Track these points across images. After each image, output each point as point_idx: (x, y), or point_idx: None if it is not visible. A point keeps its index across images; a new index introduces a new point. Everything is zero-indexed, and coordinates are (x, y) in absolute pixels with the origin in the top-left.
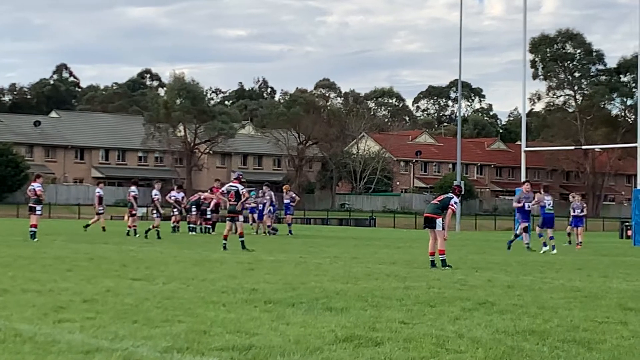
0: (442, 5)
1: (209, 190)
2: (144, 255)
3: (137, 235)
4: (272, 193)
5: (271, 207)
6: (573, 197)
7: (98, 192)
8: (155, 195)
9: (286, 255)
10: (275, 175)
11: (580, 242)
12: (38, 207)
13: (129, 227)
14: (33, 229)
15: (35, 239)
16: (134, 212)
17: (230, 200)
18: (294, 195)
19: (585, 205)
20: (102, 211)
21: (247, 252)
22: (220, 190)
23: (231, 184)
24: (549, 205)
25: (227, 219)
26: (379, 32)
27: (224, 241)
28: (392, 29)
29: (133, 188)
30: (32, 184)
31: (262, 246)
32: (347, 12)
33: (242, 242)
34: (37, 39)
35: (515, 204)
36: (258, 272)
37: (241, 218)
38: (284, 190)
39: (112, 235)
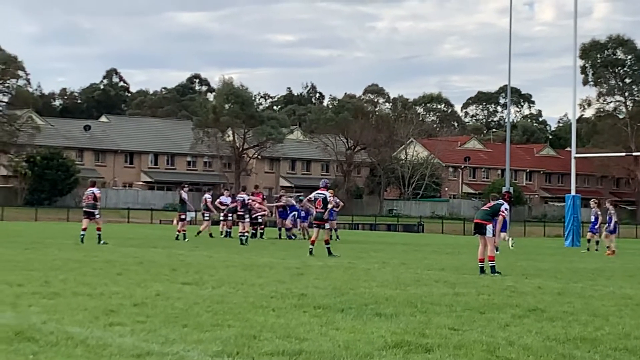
0: (492, 11)
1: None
2: (193, 260)
3: (187, 240)
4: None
5: (296, 213)
6: (594, 203)
7: (183, 196)
8: (209, 198)
9: (335, 260)
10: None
11: (608, 247)
12: (96, 212)
13: (179, 231)
14: (95, 232)
15: (102, 242)
16: (183, 216)
17: (317, 208)
18: (337, 200)
19: (599, 212)
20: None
21: (333, 257)
22: (308, 198)
23: (319, 191)
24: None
25: (314, 225)
26: (429, 37)
27: (310, 246)
28: (441, 35)
29: (183, 192)
30: (90, 188)
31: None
32: (397, 18)
33: (329, 248)
34: (87, 43)
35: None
36: (307, 277)
37: (327, 225)
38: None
39: (162, 240)
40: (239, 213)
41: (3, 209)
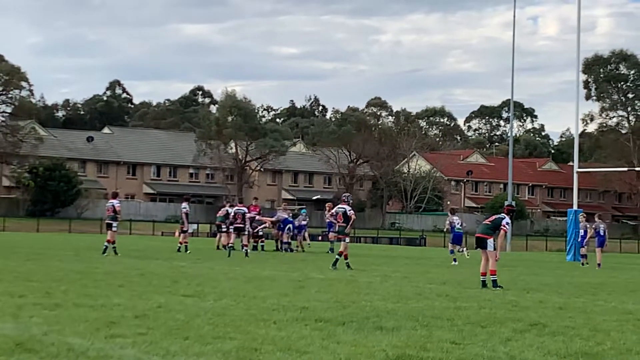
0: (496, 25)
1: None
2: (195, 272)
3: (188, 252)
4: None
5: (291, 225)
6: (582, 217)
7: (184, 209)
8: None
9: (337, 273)
10: (325, 193)
11: (598, 264)
12: (114, 224)
13: (180, 243)
14: (108, 244)
15: (105, 254)
16: (184, 228)
17: (338, 222)
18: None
19: (587, 225)
20: (186, 229)
21: (350, 270)
22: (330, 212)
23: (340, 205)
24: (458, 225)
25: (337, 239)
26: (432, 51)
27: (345, 260)
28: (445, 48)
29: (184, 204)
30: (111, 200)
31: (313, 264)
32: (401, 31)
33: (337, 260)
34: (92, 54)
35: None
36: (309, 290)
37: (347, 239)
38: (327, 208)
39: (163, 252)
40: (237, 226)
41: (5, 219)
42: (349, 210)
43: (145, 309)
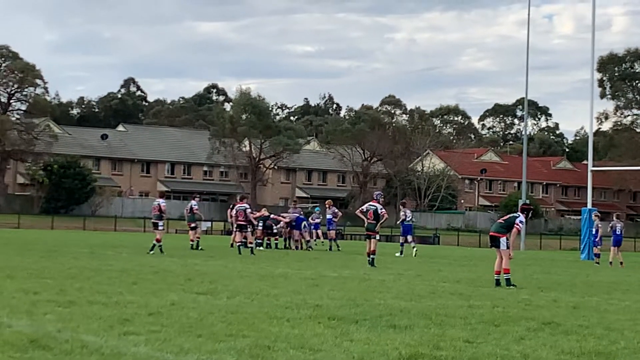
0: (511, 23)
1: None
2: (209, 269)
3: (201, 249)
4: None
5: (304, 223)
6: (595, 216)
7: (193, 205)
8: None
9: (350, 271)
10: (339, 191)
11: (610, 262)
12: (160, 223)
13: (192, 240)
14: (157, 242)
15: (152, 252)
16: (193, 225)
17: (369, 219)
18: (336, 210)
19: (600, 226)
20: (194, 226)
21: (375, 268)
22: (360, 209)
23: (370, 203)
24: (408, 218)
25: (366, 237)
26: (447, 49)
27: (368, 258)
28: (460, 47)
29: (194, 202)
30: (158, 199)
31: (326, 262)
32: (416, 29)
33: (373, 259)
34: (107, 52)
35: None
36: (322, 288)
37: (377, 237)
38: (327, 205)
39: (177, 249)
40: (240, 223)
41: (20, 217)
42: (381, 209)
43: (159, 307)
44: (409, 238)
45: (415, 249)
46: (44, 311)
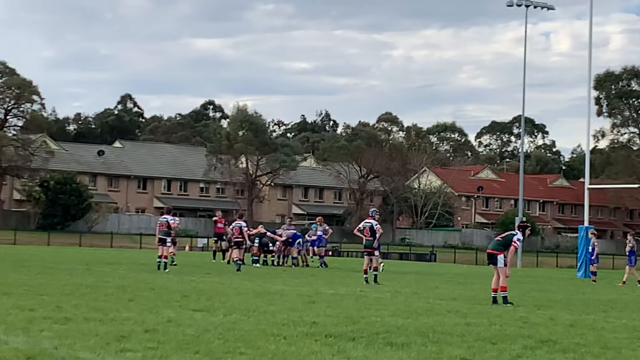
0: (508, 41)
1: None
2: (205, 286)
3: (175, 263)
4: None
5: (300, 240)
6: (592, 234)
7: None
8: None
9: (346, 288)
10: (336, 208)
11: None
12: (168, 239)
13: (165, 256)
14: (164, 259)
15: (167, 270)
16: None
17: (366, 236)
18: (327, 227)
19: (596, 244)
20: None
21: (378, 285)
22: (357, 228)
23: (366, 220)
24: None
25: (364, 253)
26: (444, 66)
27: (364, 275)
28: (457, 64)
29: (170, 217)
30: (165, 216)
31: (322, 279)
32: (413, 47)
33: (376, 276)
34: (104, 68)
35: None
36: (319, 305)
37: (377, 253)
38: (318, 222)
39: (173, 266)
40: (236, 240)
41: (16, 233)
42: (376, 225)
43: (156, 323)
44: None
45: (382, 264)
46: (41, 328)
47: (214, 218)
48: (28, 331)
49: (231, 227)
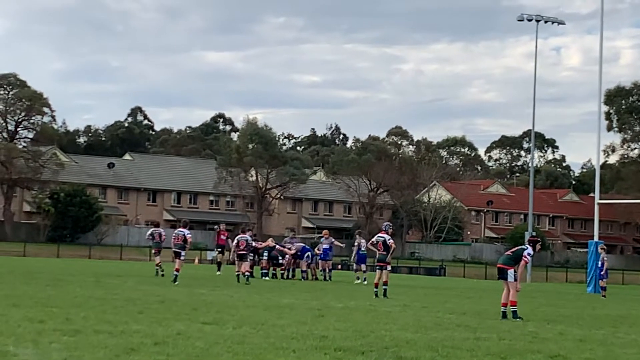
0: (518, 55)
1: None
2: (215, 299)
3: (162, 275)
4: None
5: (309, 253)
6: (601, 249)
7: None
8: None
9: (356, 302)
10: (345, 222)
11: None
12: (183, 253)
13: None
14: (176, 272)
15: (176, 283)
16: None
17: (379, 250)
18: (333, 240)
19: (605, 259)
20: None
21: (387, 299)
22: (370, 241)
23: (379, 234)
24: (363, 247)
25: (377, 267)
26: (454, 80)
27: (375, 289)
28: (467, 78)
29: (161, 230)
30: (181, 229)
31: (332, 293)
32: (423, 61)
33: (385, 290)
34: (114, 81)
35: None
36: (328, 318)
37: (389, 267)
38: (324, 236)
39: (183, 278)
40: (240, 253)
41: (25, 245)
42: (389, 240)
43: (165, 336)
44: (363, 267)
45: (365, 278)
46: (50, 340)
47: (217, 229)
48: (37, 343)
49: (235, 241)
